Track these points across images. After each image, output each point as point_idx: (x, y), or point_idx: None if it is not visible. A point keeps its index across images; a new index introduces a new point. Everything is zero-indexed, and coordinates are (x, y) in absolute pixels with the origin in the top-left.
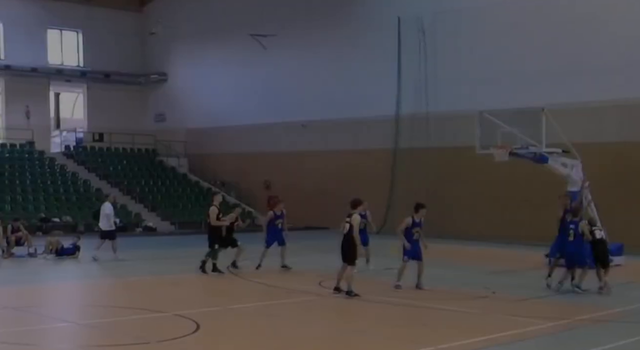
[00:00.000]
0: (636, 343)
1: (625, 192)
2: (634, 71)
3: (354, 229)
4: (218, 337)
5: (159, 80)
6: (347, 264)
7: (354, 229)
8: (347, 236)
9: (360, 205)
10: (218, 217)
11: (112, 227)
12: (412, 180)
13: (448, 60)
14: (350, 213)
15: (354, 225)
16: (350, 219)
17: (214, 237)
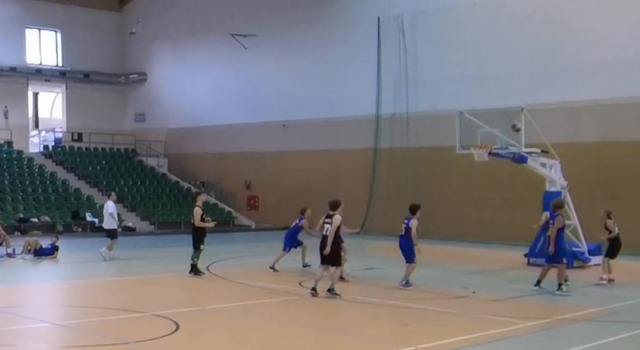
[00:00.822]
0: (616, 342)
1: (603, 191)
2: (612, 72)
3: (338, 229)
4: (198, 337)
5: (139, 80)
6: (329, 266)
7: (338, 229)
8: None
9: (340, 206)
10: (202, 218)
11: (115, 226)
12: (392, 180)
13: (428, 60)
14: (329, 214)
15: (334, 226)
16: (331, 219)
17: (199, 238)
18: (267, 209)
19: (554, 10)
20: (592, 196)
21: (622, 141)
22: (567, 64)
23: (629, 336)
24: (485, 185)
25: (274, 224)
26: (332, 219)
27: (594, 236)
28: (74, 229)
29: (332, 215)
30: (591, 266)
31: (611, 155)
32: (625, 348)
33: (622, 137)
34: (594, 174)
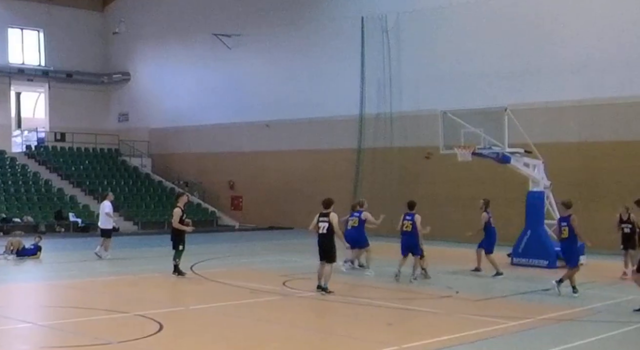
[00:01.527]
0: (599, 342)
1: (586, 191)
2: (593, 72)
3: (335, 227)
4: (181, 338)
5: (122, 80)
6: (326, 262)
7: (334, 227)
8: (327, 235)
9: (333, 204)
10: (182, 220)
11: (110, 225)
12: (375, 180)
13: (411, 60)
14: (324, 212)
15: (334, 224)
16: (328, 218)
17: (179, 239)
18: (251, 209)
19: (536, 10)
20: (575, 196)
21: (604, 141)
22: (549, 65)
23: (611, 336)
24: (469, 185)
25: (257, 224)
26: (329, 218)
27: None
28: (57, 229)
29: (327, 214)
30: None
31: (593, 155)
32: (606, 348)
33: (605, 137)
34: (577, 174)
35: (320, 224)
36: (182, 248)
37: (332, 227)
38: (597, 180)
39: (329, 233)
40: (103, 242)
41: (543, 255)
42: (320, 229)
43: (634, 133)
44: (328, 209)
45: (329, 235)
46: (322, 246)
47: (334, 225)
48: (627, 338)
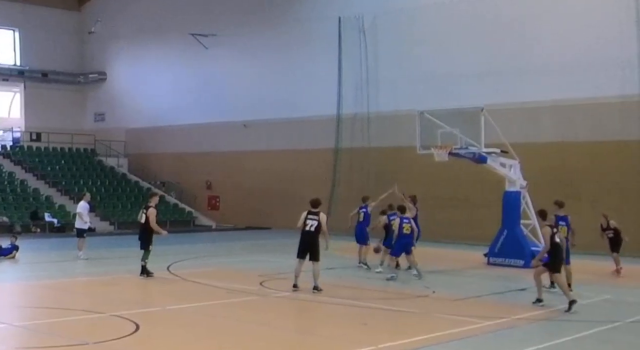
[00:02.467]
0: (573, 341)
1: (562, 191)
2: (570, 73)
3: (323, 227)
4: (158, 338)
5: (98, 79)
6: (313, 261)
7: (323, 226)
8: (314, 233)
9: (321, 204)
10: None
11: (83, 225)
12: (353, 180)
13: (388, 60)
14: (312, 211)
15: (323, 223)
16: (317, 216)
17: (150, 239)
18: (228, 209)
19: (513, 12)
20: (551, 196)
21: (579, 141)
22: (526, 65)
23: (587, 335)
24: (446, 185)
25: (234, 224)
26: (318, 216)
27: None
28: (33, 230)
29: (317, 213)
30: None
31: (569, 156)
32: (582, 347)
33: (580, 138)
34: (553, 174)
35: (308, 222)
36: (151, 248)
37: (320, 226)
38: (573, 180)
39: (317, 231)
40: (77, 242)
41: (519, 255)
42: (307, 226)
43: (609, 133)
44: (317, 208)
45: (316, 233)
46: (308, 244)
47: (322, 225)
48: (602, 338)
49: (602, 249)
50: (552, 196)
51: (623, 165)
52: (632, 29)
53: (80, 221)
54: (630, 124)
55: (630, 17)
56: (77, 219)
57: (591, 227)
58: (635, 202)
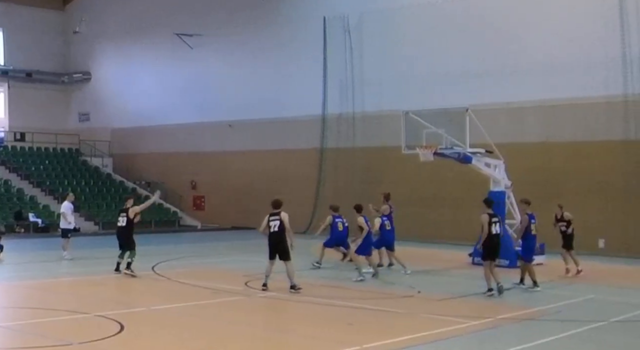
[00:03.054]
0: (557, 341)
1: (546, 191)
2: (554, 73)
3: (286, 226)
4: (142, 338)
5: (83, 79)
6: (284, 261)
7: (286, 225)
8: (279, 233)
9: (282, 204)
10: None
11: (67, 225)
12: (338, 180)
13: (374, 60)
14: (274, 212)
15: (285, 222)
16: (279, 217)
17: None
18: (213, 209)
19: (498, 12)
20: (535, 196)
21: (564, 141)
22: (511, 66)
23: (571, 335)
24: (431, 185)
25: (220, 224)
26: (280, 216)
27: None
28: (17, 230)
29: (278, 213)
30: (534, 265)
31: (554, 156)
32: (566, 347)
33: (564, 138)
34: (537, 174)
35: (271, 223)
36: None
37: (283, 225)
38: (558, 180)
39: (281, 231)
40: (62, 243)
41: (504, 255)
42: (272, 228)
43: (594, 133)
44: (278, 209)
45: (280, 233)
46: (275, 244)
47: (285, 224)
48: (587, 337)
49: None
50: (536, 196)
51: (607, 166)
52: (616, 30)
53: (64, 221)
54: (614, 124)
55: (614, 17)
56: (61, 219)
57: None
58: (619, 202)
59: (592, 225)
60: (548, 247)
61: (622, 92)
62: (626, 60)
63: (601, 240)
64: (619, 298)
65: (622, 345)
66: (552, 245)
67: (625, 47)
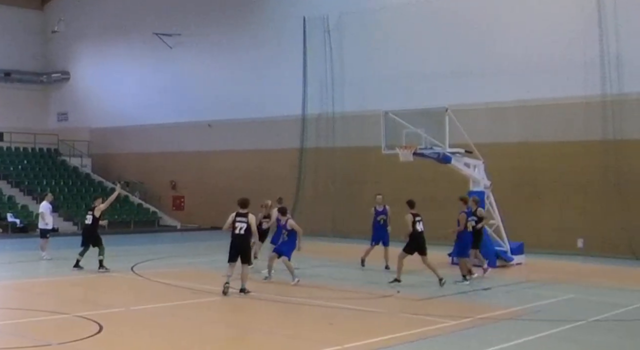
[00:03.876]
0: (537, 340)
1: (526, 192)
2: (533, 73)
3: (253, 228)
4: (121, 338)
5: (62, 78)
6: (242, 264)
7: (252, 228)
8: (245, 236)
9: (249, 204)
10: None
11: (45, 226)
12: (318, 180)
13: (353, 60)
14: (241, 212)
15: (252, 225)
16: (246, 218)
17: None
18: (193, 209)
19: (478, 12)
20: (515, 196)
21: (543, 142)
22: (490, 66)
23: (551, 334)
24: (411, 185)
25: (199, 224)
26: (247, 218)
27: (518, 235)
28: None
29: (245, 214)
30: (514, 265)
31: (533, 156)
32: (545, 346)
33: (544, 138)
34: (517, 174)
35: (237, 224)
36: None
37: (250, 228)
38: (538, 180)
39: (247, 234)
40: (41, 243)
41: (484, 255)
42: (237, 230)
43: (573, 133)
44: (245, 209)
45: (246, 236)
46: (238, 247)
47: (252, 226)
48: (566, 336)
49: (564, 248)
50: (515, 196)
51: (586, 166)
52: (594, 30)
53: (42, 222)
54: (593, 125)
55: (592, 18)
56: (40, 220)
57: (553, 226)
58: (598, 202)
59: (571, 225)
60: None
61: (601, 93)
62: (604, 61)
63: (580, 240)
64: (598, 298)
65: (600, 344)
66: (531, 245)
67: (603, 48)
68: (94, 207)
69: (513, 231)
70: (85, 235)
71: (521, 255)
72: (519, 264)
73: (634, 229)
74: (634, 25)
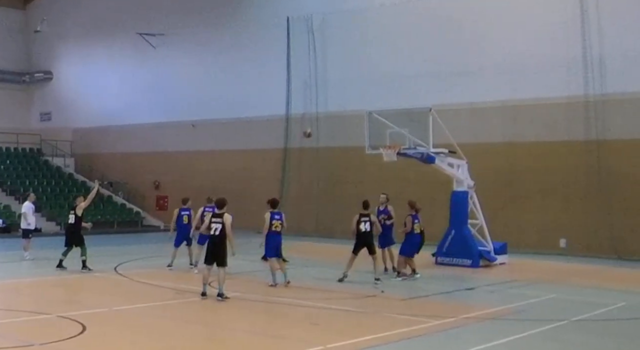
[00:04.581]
0: (521, 340)
1: (509, 192)
2: (516, 73)
3: (228, 229)
4: (105, 339)
5: (44, 78)
6: (218, 266)
7: (227, 229)
8: (220, 237)
9: (226, 204)
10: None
11: (27, 226)
12: (302, 180)
13: (337, 60)
14: (217, 213)
15: (227, 225)
16: (222, 219)
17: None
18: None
19: (461, 12)
20: (498, 196)
21: (526, 141)
22: (474, 66)
23: (533, 334)
24: (394, 185)
25: None
26: (222, 218)
27: (501, 235)
28: None
29: (221, 215)
30: (497, 265)
31: (516, 156)
32: (528, 346)
33: (527, 138)
34: (500, 174)
35: (212, 225)
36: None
37: (225, 229)
38: (520, 180)
39: (222, 235)
40: (23, 243)
41: (466, 255)
42: (212, 231)
43: (556, 133)
44: (222, 210)
45: (221, 237)
46: (214, 249)
47: (227, 227)
48: (549, 336)
49: (547, 248)
50: (499, 196)
51: (569, 166)
52: (577, 30)
53: (25, 222)
54: (575, 124)
55: (575, 18)
56: (22, 220)
57: (535, 226)
58: (580, 202)
59: (554, 225)
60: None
61: (583, 93)
62: (587, 61)
63: (563, 240)
64: (580, 297)
65: (582, 343)
66: (514, 245)
67: (586, 48)
68: (75, 206)
69: (496, 231)
70: (68, 235)
71: (504, 255)
72: (502, 264)
73: (616, 228)
74: (616, 26)
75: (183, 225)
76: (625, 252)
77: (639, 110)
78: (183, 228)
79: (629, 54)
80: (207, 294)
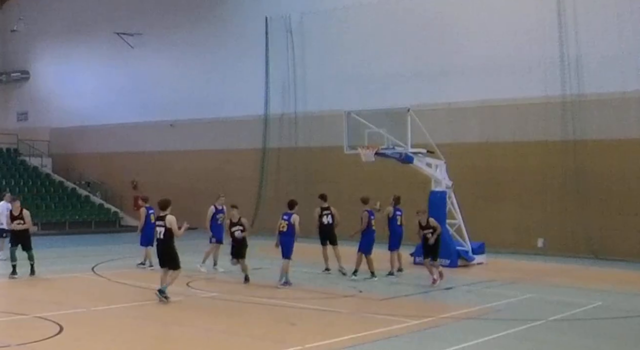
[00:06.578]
0: (497, 339)
1: (487, 191)
2: (494, 74)
3: (174, 230)
4: (82, 340)
5: (21, 78)
6: (170, 269)
7: (174, 230)
8: (165, 240)
9: (170, 206)
10: None
11: (1, 226)
12: (280, 180)
13: (316, 60)
14: (160, 215)
15: (173, 227)
16: (164, 221)
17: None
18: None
19: (439, 13)
20: (476, 196)
21: (504, 141)
22: (451, 66)
23: (510, 333)
24: (372, 185)
25: None
26: (164, 221)
27: (478, 235)
28: None
29: (164, 217)
30: (475, 265)
31: (495, 156)
32: (505, 345)
33: (504, 138)
34: (478, 174)
35: (157, 229)
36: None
37: (169, 232)
38: (498, 180)
39: (166, 238)
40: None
41: (445, 255)
42: (157, 233)
43: (533, 133)
44: (165, 212)
45: (166, 240)
46: (161, 253)
47: (173, 229)
48: (525, 336)
49: (524, 247)
50: (477, 196)
51: (546, 166)
52: (554, 30)
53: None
54: (552, 125)
55: (552, 18)
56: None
57: (514, 226)
58: (557, 201)
59: (532, 225)
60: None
61: (560, 93)
62: (564, 61)
63: (540, 239)
64: (557, 297)
65: (558, 343)
66: (492, 244)
67: (563, 48)
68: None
69: (474, 231)
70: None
71: (482, 255)
72: (480, 263)
73: (593, 228)
74: (593, 27)
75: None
76: (601, 251)
77: (615, 111)
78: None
79: (605, 54)
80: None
